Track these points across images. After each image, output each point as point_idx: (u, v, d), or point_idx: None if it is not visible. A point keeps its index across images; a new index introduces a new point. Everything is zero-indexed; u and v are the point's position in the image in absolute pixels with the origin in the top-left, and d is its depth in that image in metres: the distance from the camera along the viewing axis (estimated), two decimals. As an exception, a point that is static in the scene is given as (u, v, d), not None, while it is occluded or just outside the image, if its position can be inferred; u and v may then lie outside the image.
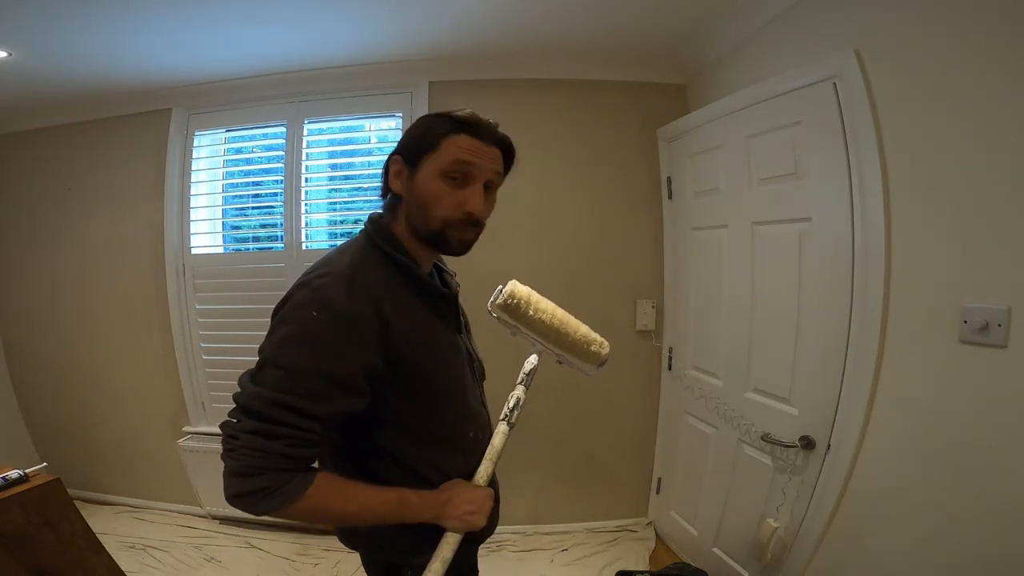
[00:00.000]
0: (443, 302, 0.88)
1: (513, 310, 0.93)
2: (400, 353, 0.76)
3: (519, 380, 0.97)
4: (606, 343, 1.02)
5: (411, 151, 0.82)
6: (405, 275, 0.82)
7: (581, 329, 0.99)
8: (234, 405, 0.71)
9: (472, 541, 0.90)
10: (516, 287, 0.95)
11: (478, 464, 0.88)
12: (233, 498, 0.69)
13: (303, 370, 0.69)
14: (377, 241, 0.82)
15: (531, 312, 0.93)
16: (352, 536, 0.91)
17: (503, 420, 0.92)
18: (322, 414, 0.70)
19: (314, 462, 0.74)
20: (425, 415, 0.83)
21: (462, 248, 0.84)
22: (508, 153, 0.86)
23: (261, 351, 0.72)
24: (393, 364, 0.75)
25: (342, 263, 0.77)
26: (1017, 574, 0.98)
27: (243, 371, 0.74)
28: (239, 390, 0.72)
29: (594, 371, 1.02)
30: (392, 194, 0.85)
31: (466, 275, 0.89)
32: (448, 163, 0.79)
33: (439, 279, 0.95)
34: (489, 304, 0.96)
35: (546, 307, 0.96)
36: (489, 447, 0.89)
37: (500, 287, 0.96)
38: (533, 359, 1.00)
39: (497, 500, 0.92)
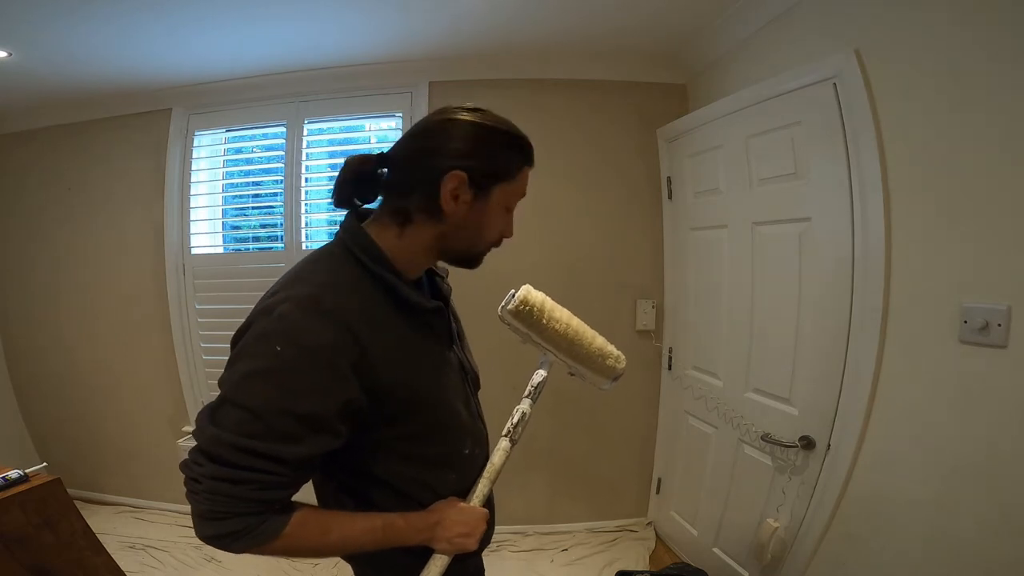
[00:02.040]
0: (432, 316, 0.79)
1: (526, 317, 0.87)
2: (382, 381, 0.68)
3: (526, 393, 0.89)
4: (623, 357, 0.96)
5: (483, 175, 0.72)
6: (388, 294, 0.72)
7: (597, 341, 0.93)
8: (194, 444, 0.65)
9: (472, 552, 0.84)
10: (530, 292, 0.89)
11: (473, 480, 0.82)
12: (205, 539, 0.65)
13: (267, 411, 0.62)
14: (356, 253, 0.72)
15: (545, 320, 0.88)
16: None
17: (505, 436, 0.85)
18: (290, 458, 0.63)
19: (288, 500, 0.69)
20: (417, 440, 0.76)
21: (479, 264, 0.82)
22: None
23: (221, 384, 0.65)
24: (376, 393, 0.68)
25: (311, 282, 0.68)
26: (1017, 574, 0.98)
27: (203, 405, 0.68)
28: (197, 427, 0.65)
29: (608, 386, 0.96)
30: (437, 210, 0.72)
31: (465, 274, 0.87)
32: (518, 196, 0.77)
33: (429, 284, 0.88)
34: (500, 310, 0.90)
35: (561, 315, 0.91)
36: (488, 465, 0.83)
37: (512, 291, 0.90)
38: (542, 372, 0.92)
39: (492, 517, 0.86)
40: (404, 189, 0.74)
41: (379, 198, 0.79)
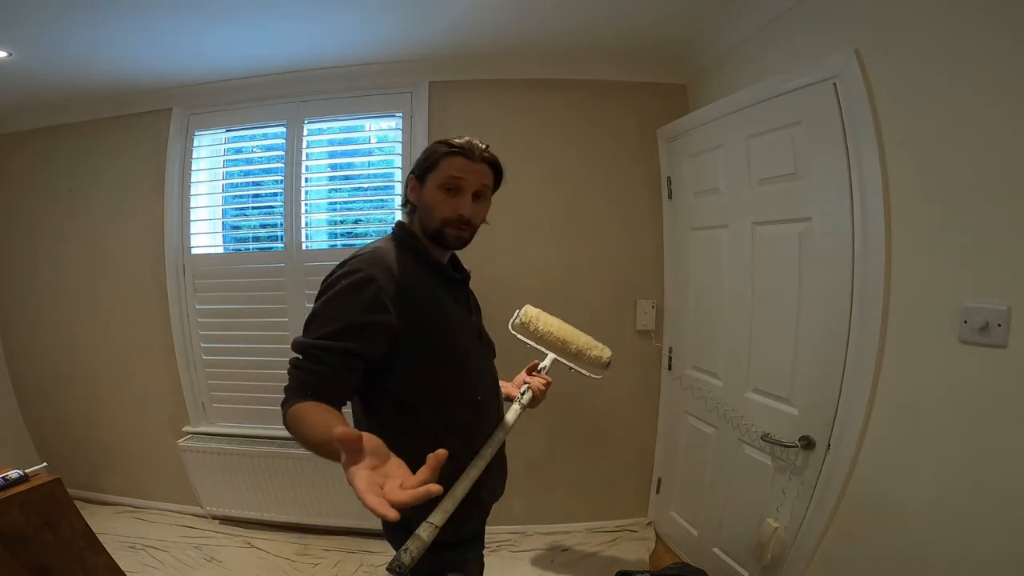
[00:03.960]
0: (456, 286, 1.08)
1: (525, 327, 1.26)
2: (412, 314, 0.93)
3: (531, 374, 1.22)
4: (607, 348, 1.28)
5: (420, 170, 1.04)
6: (422, 261, 1.02)
7: (583, 338, 1.29)
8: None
9: (480, 508, 1.07)
10: (528, 309, 1.28)
11: (487, 427, 1.04)
12: (282, 405, 0.86)
13: (332, 319, 0.89)
14: (400, 236, 1.04)
15: (540, 326, 1.26)
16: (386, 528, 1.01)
17: (516, 402, 1.12)
18: (342, 347, 0.87)
19: (336, 390, 0.87)
20: (438, 371, 0.98)
21: (458, 243, 1.04)
22: (496, 169, 1.06)
23: (310, 315, 0.92)
24: (407, 322, 0.92)
25: (371, 249, 0.99)
26: (1018, 574, 0.98)
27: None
28: (295, 340, 0.90)
29: (601, 374, 1.27)
30: (409, 204, 1.07)
31: (482, 282, 1.12)
32: (444, 178, 1.01)
33: (453, 268, 1.14)
34: (509, 325, 1.26)
35: (552, 322, 1.29)
36: (504, 420, 1.07)
37: (517, 311, 1.27)
38: (547, 359, 1.25)
39: (504, 466, 1.15)
40: (403, 194, 1.11)
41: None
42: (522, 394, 1.15)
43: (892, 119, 1.21)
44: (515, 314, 1.25)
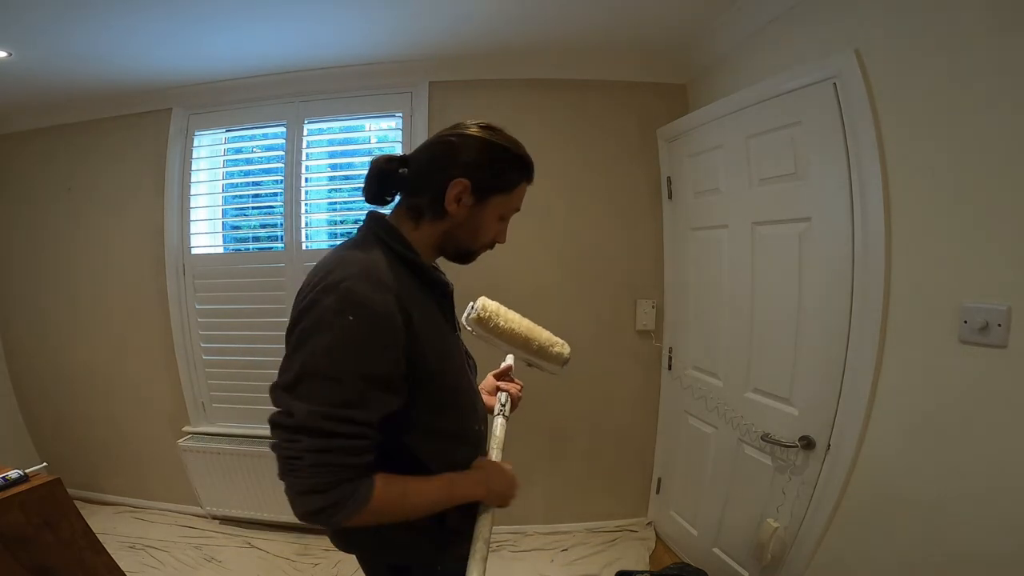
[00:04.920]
0: (445, 300, 0.90)
1: (485, 322, 1.06)
2: (419, 346, 0.76)
3: (502, 378, 1.18)
4: (567, 345, 1.16)
5: (483, 184, 0.82)
6: (415, 274, 0.82)
7: (544, 334, 1.14)
8: (282, 425, 0.69)
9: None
10: (486, 302, 1.09)
11: (483, 454, 0.95)
12: (308, 515, 0.68)
13: (350, 376, 0.68)
14: (387, 241, 0.81)
15: (501, 323, 1.07)
16: (347, 539, 0.89)
17: (499, 415, 1.05)
18: (375, 418, 0.71)
19: (371, 464, 0.73)
20: (441, 411, 0.84)
21: (472, 262, 0.92)
22: None
23: (298, 365, 0.69)
24: (413, 357, 0.75)
25: (357, 263, 0.75)
26: (1018, 574, 0.98)
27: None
28: (280, 409, 0.70)
29: (560, 371, 1.15)
30: (441, 210, 0.82)
31: (464, 271, 0.96)
32: (512, 210, 0.88)
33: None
34: (464, 318, 1.07)
35: (513, 317, 1.11)
36: (493, 438, 0.99)
37: (471, 304, 1.09)
38: (509, 359, 1.18)
39: None
40: (418, 189, 0.84)
41: (398, 195, 0.88)
42: (503, 405, 1.08)
43: (892, 119, 1.21)
44: (469, 307, 1.08)
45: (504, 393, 1.11)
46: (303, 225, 2.29)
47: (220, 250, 2.44)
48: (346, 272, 0.72)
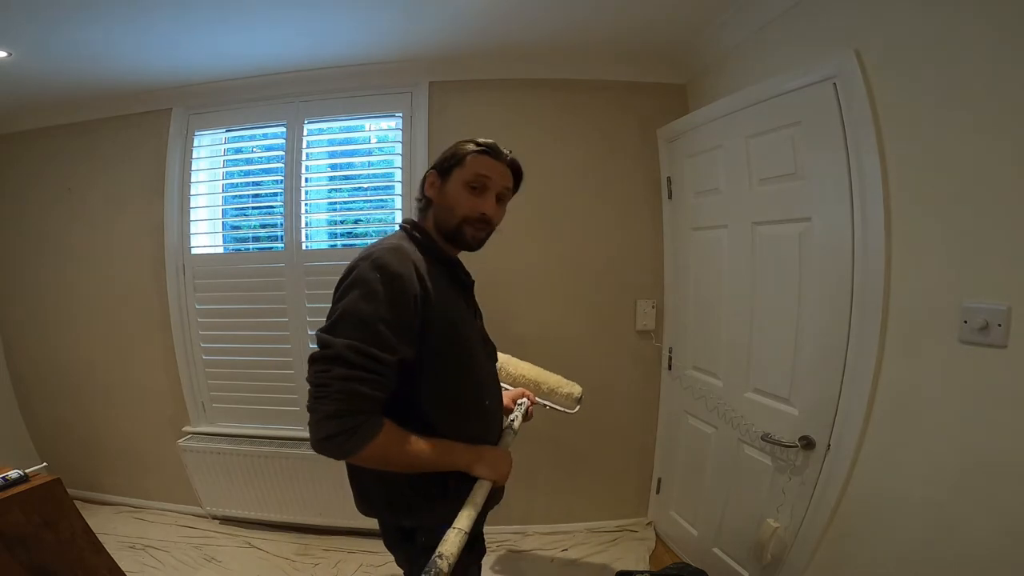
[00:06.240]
0: (464, 289, 1.07)
1: (499, 372, 1.26)
2: (433, 314, 0.91)
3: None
4: (577, 385, 1.39)
5: (444, 165, 1.03)
6: (436, 259, 0.99)
7: (552, 378, 1.40)
8: (319, 358, 0.83)
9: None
10: (498, 354, 1.26)
11: (494, 432, 1.07)
12: (323, 440, 0.80)
13: (374, 320, 0.83)
14: (413, 233, 1.02)
15: (511, 368, 1.37)
16: (370, 503, 1.01)
17: (515, 416, 1.21)
18: (393, 359, 0.85)
19: (382, 405, 0.86)
20: (451, 379, 0.96)
21: (475, 244, 1.04)
22: (517, 174, 1.07)
23: (339, 311, 0.86)
24: (427, 325, 0.90)
25: (389, 243, 0.94)
26: (1017, 574, 0.98)
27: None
28: (318, 347, 0.85)
29: (574, 409, 1.38)
30: (425, 199, 1.05)
31: (474, 273, 1.09)
32: (471, 175, 1.00)
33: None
34: None
35: (522, 364, 1.41)
36: (509, 429, 1.13)
37: None
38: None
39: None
40: (420, 195, 1.09)
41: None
42: (519, 405, 1.25)
43: (892, 119, 1.21)
44: None
45: (525, 400, 1.28)
46: (303, 225, 2.29)
47: (220, 250, 2.44)
48: (379, 248, 0.92)
